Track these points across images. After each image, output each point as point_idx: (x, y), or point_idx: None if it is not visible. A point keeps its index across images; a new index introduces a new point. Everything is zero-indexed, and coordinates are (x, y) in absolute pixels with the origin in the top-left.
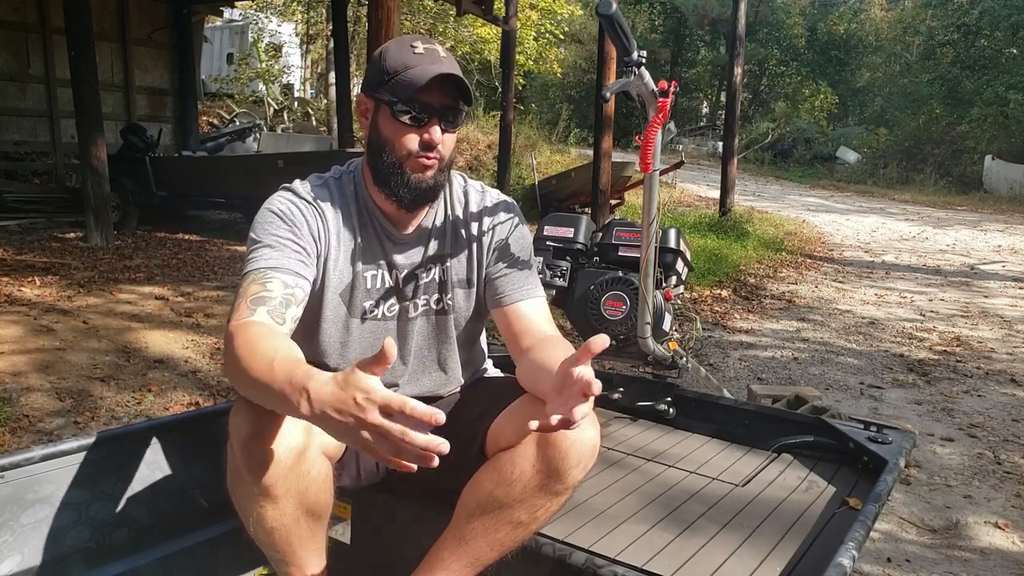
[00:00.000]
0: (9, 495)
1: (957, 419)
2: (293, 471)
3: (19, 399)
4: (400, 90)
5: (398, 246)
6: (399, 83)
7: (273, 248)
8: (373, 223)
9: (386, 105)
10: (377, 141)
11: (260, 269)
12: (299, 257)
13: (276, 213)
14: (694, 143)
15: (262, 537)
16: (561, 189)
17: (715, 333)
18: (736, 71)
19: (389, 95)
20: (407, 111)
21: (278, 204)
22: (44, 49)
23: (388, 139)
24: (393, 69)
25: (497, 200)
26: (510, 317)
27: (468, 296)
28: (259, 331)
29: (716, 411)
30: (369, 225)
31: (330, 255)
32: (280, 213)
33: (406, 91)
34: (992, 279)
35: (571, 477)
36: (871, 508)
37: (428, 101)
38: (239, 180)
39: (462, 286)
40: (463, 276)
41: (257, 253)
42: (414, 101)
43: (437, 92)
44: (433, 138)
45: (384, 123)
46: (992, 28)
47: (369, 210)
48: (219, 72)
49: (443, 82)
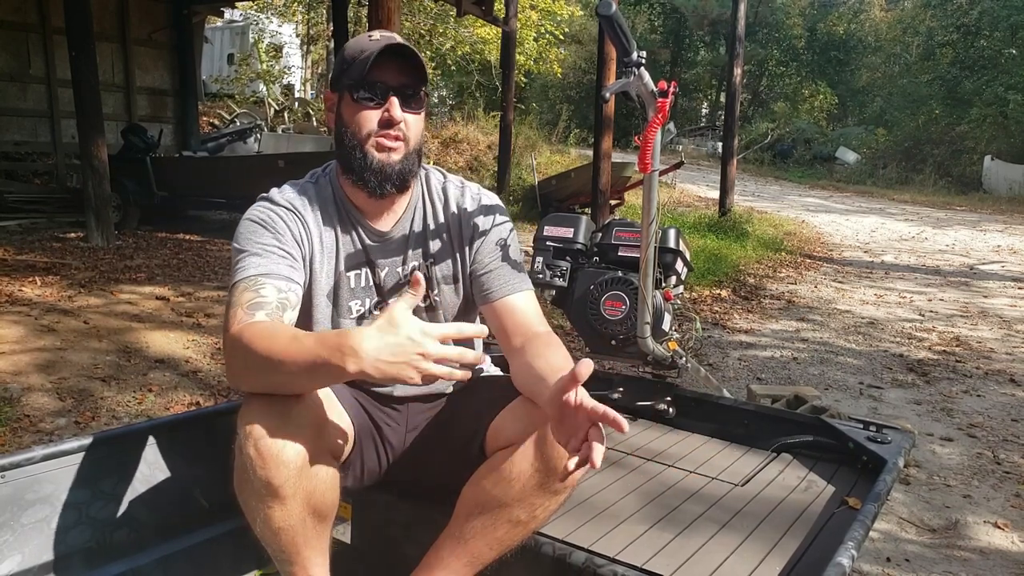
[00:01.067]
0: (9, 495)
1: (956, 419)
2: (302, 472)
3: (20, 399)
4: (356, 72)
5: (379, 245)
6: (355, 66)
7: (260, 256)
8: (352, 222)
9: (347, 91)
10: (341, 128)
11: (251, 277)
12: (287, 262)
13: (257, 222)
14: (694, 143)
15: (268, 537)
16: (561, 189)
17: (715, 333)
18: (736, 71)
19: (348, 80)
20: (363, 90)
21: (258, 213)
22: (44, 49)
23: (349, 123)
24: (351, 57)
25: (477, 195)
26: (499, 313)
27: (455, 292)
28: (267, 324)
29: (716, 411)
30: (349, 225)
31: (314, 258)
32: (261, 222)
33: (360, 71)
34: (991, 279)
35: (570, 476)
36: (870, 508)
37: (383, 80)
38: (240, 180)
39: (447, 282)
40: (448, 272)
41: (245, 262)
42: (370, 81)
43: (392, 71)
44: (393, 114)
45: (346, 109)
46: (992, 28)
47: (347, 209)
48: (220, 72)
49: (395, 58)
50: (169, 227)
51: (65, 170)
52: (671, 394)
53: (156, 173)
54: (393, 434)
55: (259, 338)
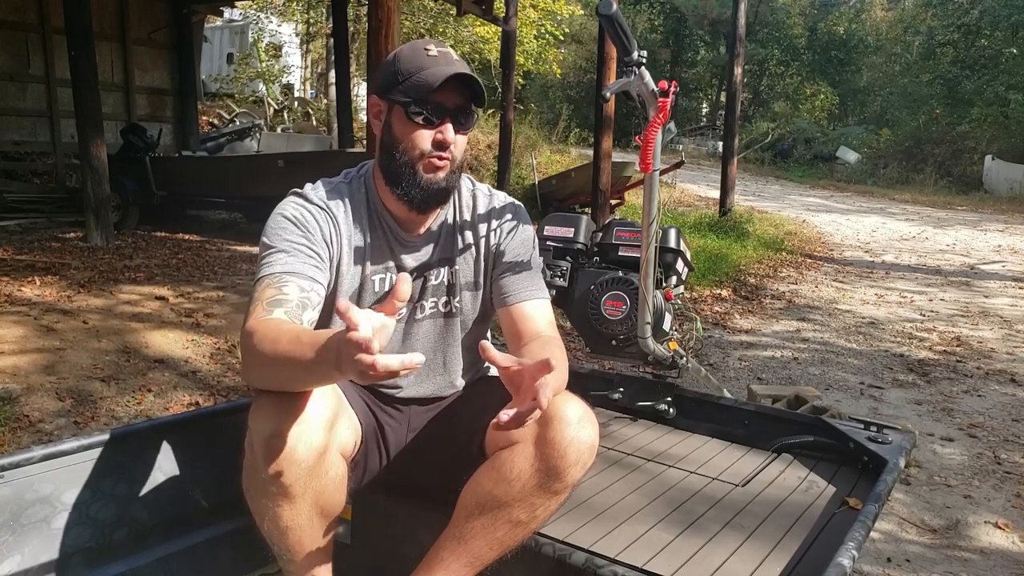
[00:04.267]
0: (9, 495)
1: (957, 419)
2: (313, 471)
3: (19, 399)
4: (414, 91)
5: (407, 248)
6: (413, 84)
7: (288, 253)
8: (383, 226)
9: (400, 106)
10: (390, 142)
11: (275, 274)
12: (313, 262)
13: (289, 219)
14: (694, 143)
15: (275, 536)
16: (561, 189)
17: (715, 333)
18: (736, 71)
19: (403, 96)
20: (421, 111)
21: (291, 209)
22: (44, 49)
23: (401, 139)
24: (407, 71)
25: (504, 203)
26: (514, 316)
27: (475, 298)
28: (276, 321)
29: (716, 411)
30: (379, 228)
31: (342, 259)
32: (293, 219)
33: (420, 92)
34: (992, 279)
35: (570, 476)
36: (871, 508)
37: (441, 102)
38: (239, 180)
39: (469, 288)
40: (471, 279)
41: (272, 258)
42: (428, 102)
43: (451, 93)
44: (447, 137)
45: (397, 124)
46: (992, 28)
47: (379, 213)
48: (219, 72)
49: (456, 83)
50: (169, 227)
51: (64, 170)
52: (672, 394)
53: (155, 173)
54: (394, 434)
55: (267, 336)
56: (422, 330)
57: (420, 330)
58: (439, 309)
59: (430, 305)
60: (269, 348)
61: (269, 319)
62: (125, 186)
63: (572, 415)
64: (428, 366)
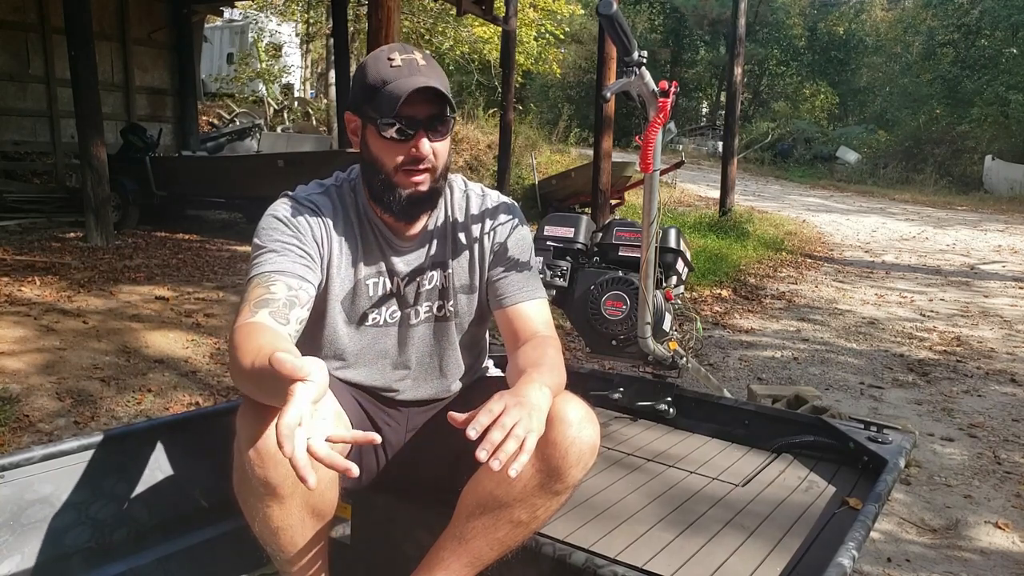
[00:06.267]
0: (9, 495)
1: (957, 419)
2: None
3: (19, 399)
4: (382, 106)
5: (399, 252)
6: (380, 99)
7: (277, 253)
8: (373, 230)
9: (371, 123)
10: (368, 159)
11: (264, 273)
12: (303, 261)
13: (279, 219)
14: (694, 143)
15: (267, 536)
16: (561, 189)
17: (715, 333)
18: (736, 71)
19: (372, 111)
20: (391, 125)
21: (281, 210)
22: (44, 49)
23: (377, 156)
24: (373, 85)
25: (498, 202)
26: (511, 317)
27: (470, 301)
28: (256, 329)
29: (716, 411)
30: (370, 232)
31: (332, 261)
32: (283, 219)
33: (388, 107)
34: (992, 279)
35: (571, 476)
36: (871, 508)
37: (412, 114)
38: (239, 180)
39: (464, 291)
40: (465, 281)
41: (262, 258)
42: (398, 116)
43: (420, 104)
44: (421, 151)
45: (372, 140)
46: (992, 28)
47: (369, 218)
48: (219, 72)
49: (425, 92)
50: (168, 227)
51: (64, 170)
52: (672, 394)
53: (155, 173)
54: (393, 434)
55: (241, 345)
56: (418, 334)
57: (416, 334)
58: (433, 313)
59: (424, 309)
60: (242, 357)
61: (252, 323)
62: (125, 186)
63: (573, 416)
64: (424, 370)
